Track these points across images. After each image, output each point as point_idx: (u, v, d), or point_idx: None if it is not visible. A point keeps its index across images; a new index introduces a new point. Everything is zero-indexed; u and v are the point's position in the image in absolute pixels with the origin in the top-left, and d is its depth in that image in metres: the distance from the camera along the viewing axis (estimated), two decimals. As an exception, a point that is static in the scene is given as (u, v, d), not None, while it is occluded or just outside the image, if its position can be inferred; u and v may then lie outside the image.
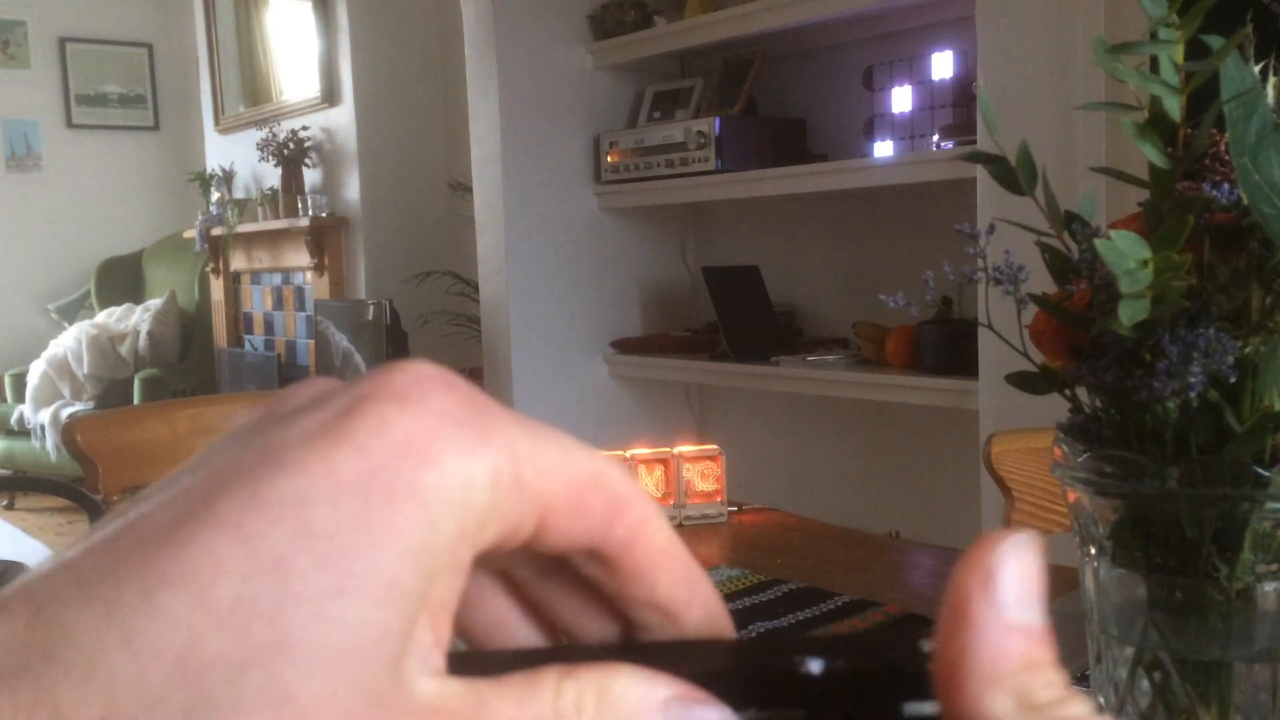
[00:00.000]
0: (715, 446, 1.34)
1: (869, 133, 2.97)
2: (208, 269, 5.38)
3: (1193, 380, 0.46)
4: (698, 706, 0.21)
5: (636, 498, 0.22)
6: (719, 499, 1.32)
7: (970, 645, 0.20)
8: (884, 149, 2.91)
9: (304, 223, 4.52)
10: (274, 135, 4.69)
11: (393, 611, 0.19)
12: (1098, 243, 0.47)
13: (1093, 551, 0.54)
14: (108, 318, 5.29)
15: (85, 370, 4.99)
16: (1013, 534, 0.20)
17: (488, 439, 0.20)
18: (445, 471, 0.19)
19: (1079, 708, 0.19)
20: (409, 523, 0.19)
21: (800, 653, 0.22)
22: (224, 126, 5.43)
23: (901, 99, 2.89)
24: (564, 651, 0.22)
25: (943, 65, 2.79)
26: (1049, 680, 0.19)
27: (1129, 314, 0.46)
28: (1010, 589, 0.20)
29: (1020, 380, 0.56)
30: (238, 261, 5.21)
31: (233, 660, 0.17)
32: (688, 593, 0.23)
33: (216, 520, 0.18)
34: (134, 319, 5.22)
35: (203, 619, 0.17)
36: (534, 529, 0.21)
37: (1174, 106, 0.49)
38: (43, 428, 4.84)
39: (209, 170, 5.41)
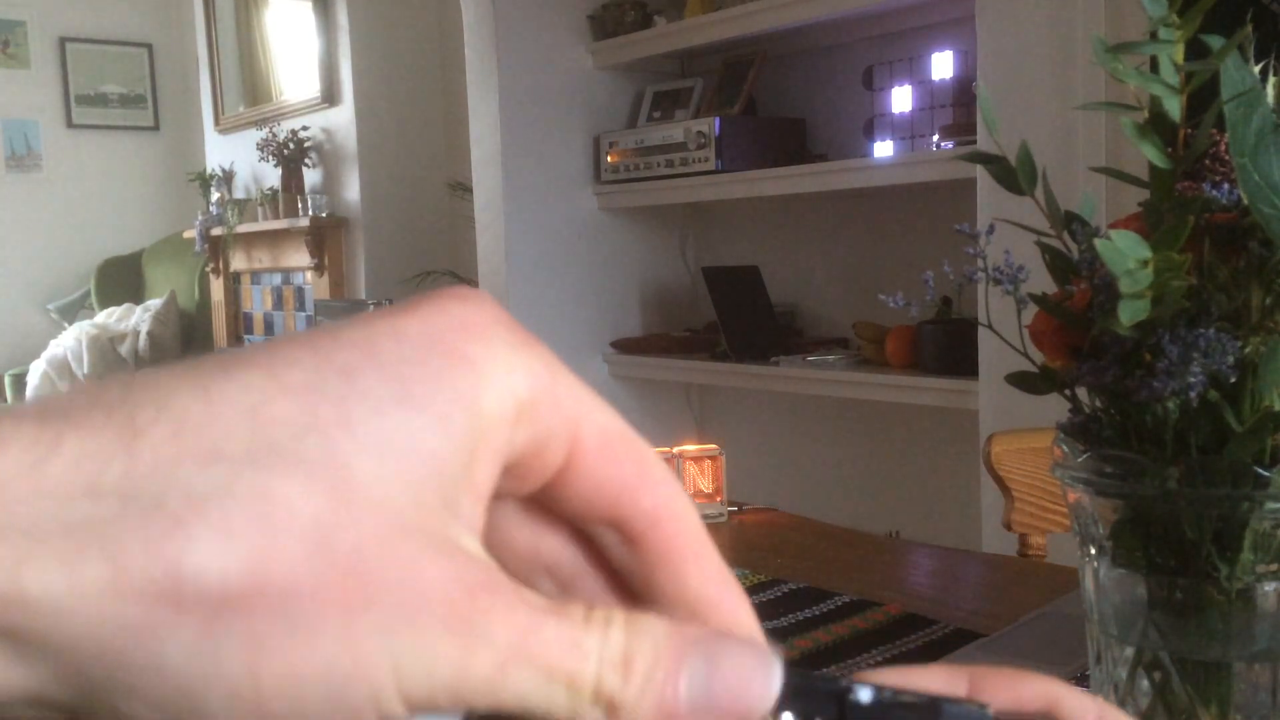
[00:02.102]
0: (715, 446, 1.34)
1: (869, 133, 2.97)
2: (208, 269, 5.38)
3: (1193, 380, 0.46)
4: (730, 642, 0.21)
5: (669, 476, 0.23)
6: (719, 499, 1.32)
7: None
8: (884, 149, 2.91)
9: (304, 223, 4.52)
10: (274, 135, 4.69)
11: (448, 441, 0.20)
12: (1098, 243, 0.47)
13: (1093, 551, 0.54)
14: (108, 318, 5.29)
15: (85, 370, 4.99)
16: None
17: (531, 345, 0.22)
18: (493, 350, 0.21)
19: None
20: (463, 379, 0.20)
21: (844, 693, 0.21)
22: (224, 126, 5.43)
23: (901, 99, 2.89)
24: None
25: (943, 65, 2.79)
26: None
27: (1129, 314, 0.46)
28: None
29: (1020, 380, 0.56)
30: (238, 261, 5.21)
31: (298, 423, 0.19)
32: (718, 591, 0.23)
33: (291, 340, 0.20)
34: (134, 319, 5.22)
35: (274, 388, 0.19)
36: (563, 461, 0.22)
37: (1174, 106, 0.49)
38: (43, 428, 4.83)
39: (209, 170, 5.41)
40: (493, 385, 0.20)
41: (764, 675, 0.21)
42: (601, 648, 0.20)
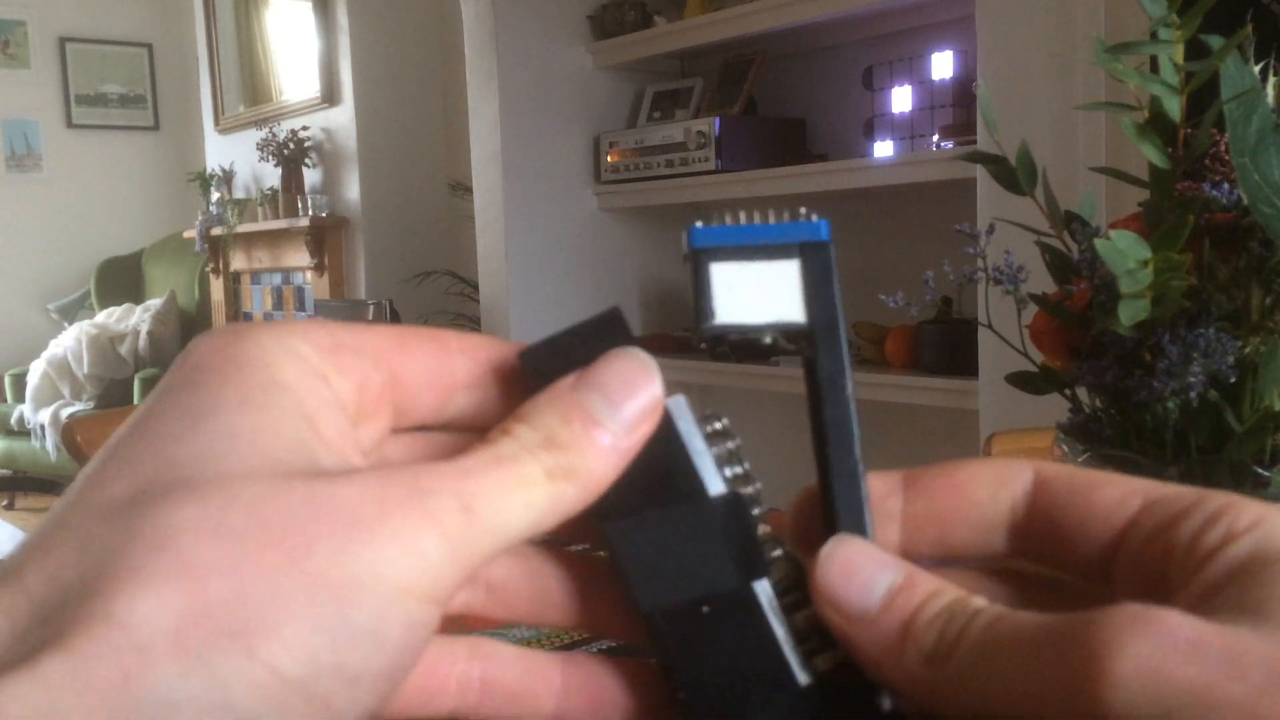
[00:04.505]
0: (715, 446, 1.33)
1: (869, 133, 2.97)
2: (208, 269, 5.38)
3: (1193, 380, 0.46)
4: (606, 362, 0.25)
5: None
6: (719, 499, 1.31)
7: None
8: (884, 149, 2.91)
9: (304, 223, 4.52)
10: (274, 135, 4.69)
11: (269, 413, 0.21)
12: (1098, 243, 0.47)
13: (1093, 551, 0.54)
14: (108, 318, 5.28)
15: (85, 370, 4.98)
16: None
17: (297, 325, 0.24)
18: (258, 335, 0.23)
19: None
20: (249, 362, 0.22)
21: None
22: (224, 126, 5.43)
23: (901, 99, 2.89)
24: None
25: (943, 65, 2.79)
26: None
27: (1129, 314, 0.46)
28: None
29: (1020, 380, 0.56)
30: (238, 261, 5.21)
31: (162, 460, 0.20)
32: None
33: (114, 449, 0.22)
34: (134, 319, 5.21)
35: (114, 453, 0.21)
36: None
37: (1174, 106, 0.49)
38: (43, 428, 4.83)
39: (209, 170, 5.41)
40: (276, 353, 0.22)
41: (644, 370, 0.24)
42: (520, 448, 0.22)
